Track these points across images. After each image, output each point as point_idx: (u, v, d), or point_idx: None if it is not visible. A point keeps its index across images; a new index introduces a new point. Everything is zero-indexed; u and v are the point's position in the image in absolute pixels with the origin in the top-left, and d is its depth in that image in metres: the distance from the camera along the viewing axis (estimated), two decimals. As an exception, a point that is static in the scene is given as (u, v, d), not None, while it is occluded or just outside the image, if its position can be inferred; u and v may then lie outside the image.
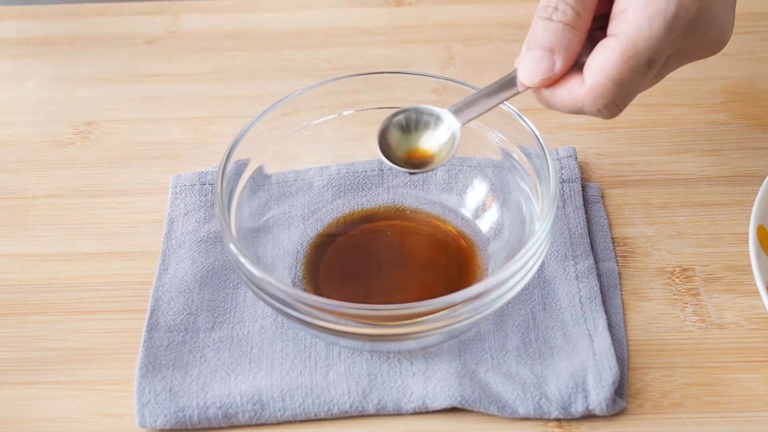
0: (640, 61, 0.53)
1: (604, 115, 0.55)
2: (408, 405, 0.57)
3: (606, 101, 0.54)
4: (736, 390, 0.58)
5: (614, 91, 0.54)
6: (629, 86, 0.54)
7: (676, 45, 0.54)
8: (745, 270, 0.64)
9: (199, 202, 0.68)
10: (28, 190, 0.71)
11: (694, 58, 0.57)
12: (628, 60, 0.53)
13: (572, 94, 0.55)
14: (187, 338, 0.60)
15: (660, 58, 0.54)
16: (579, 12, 0.54)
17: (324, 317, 0.55)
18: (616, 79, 0.53)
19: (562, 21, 0.54)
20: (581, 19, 0.54)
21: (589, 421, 0.57)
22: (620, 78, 0.53)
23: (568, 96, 0.55)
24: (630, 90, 0.54)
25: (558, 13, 0.54)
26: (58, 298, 0.64)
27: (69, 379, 0.60)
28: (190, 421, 0.57)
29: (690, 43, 0.55)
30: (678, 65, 0.57)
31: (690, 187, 0.69)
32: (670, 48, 0.54)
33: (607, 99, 0.54)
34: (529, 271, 0.57)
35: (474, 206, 0.67)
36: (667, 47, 0.54)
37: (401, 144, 0.59)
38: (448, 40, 0.83)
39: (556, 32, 0.54)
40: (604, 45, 0.54)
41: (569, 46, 0.54)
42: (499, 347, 0.60)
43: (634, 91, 0.55)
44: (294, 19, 0.85)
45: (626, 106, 0.55)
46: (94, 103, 0.77)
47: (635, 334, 0.61)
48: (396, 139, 0.59)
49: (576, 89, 0.55)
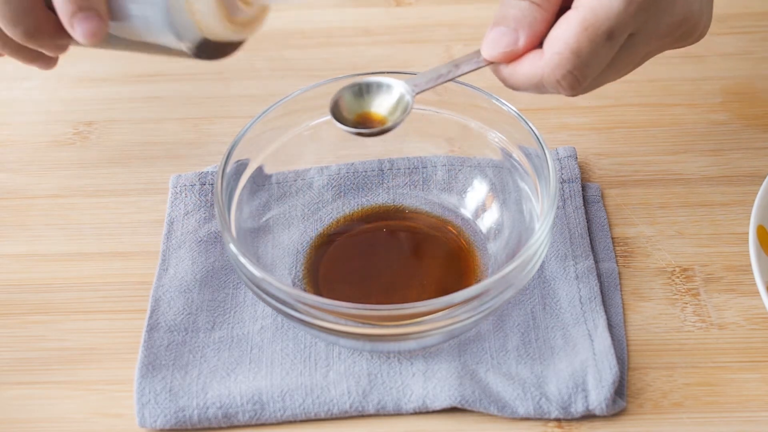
0: (599, 31, 0.53)
1: (564, 88, 0.55)
2: (408, 405, 0.57)
3: (564, 71, 0.54)
4: (736, 390, 0.58)
5: (572, 60, 0.54)
6: (587, 56, 0.54)
7: (638, 20, 0.54)
8: (745, 270, 0.64)
9: (199, 202, 0.68)
10: (28, 190, 0.71)
11: (665, 43, 0.57)
12: (587, 29, 0.53)
13: (532, 67, 0.55)
14: (187, 338, 0.60)
15: (620, 30, 0.54)
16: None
17: (324, 317, 0.55)
18: (573, 48, 0.53)
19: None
20: (549, 1, 0.54)
21: (589, 421, 0.57)
22: (578, 47, 0.53)
23: (528, 69, 0.55)
24: (588, 61, 0.54)
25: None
26: (58, 298, 0.64)
27: (69, 379, 0.60)
28: (190, 421, 0.57)
29: (654, 19, 0.55)
30: (645, 47, 0.56)
31: (690, 187, 0.69)
32: (630, 21, 0.54)
33: (565, 69, 0.54)
34: (529, 271, 0.57)
35: (474, 206, 0.67)
36: (628, 19, 0.54)
37: (353, 108, 0.59)
38: (448, 40, 0.83)
39: (523, 9, 0.54)
40: (564, 17, 0.54)
41: (534, 24, 0.55)
42: (499, 347, 0.60)
43: (594, 63, 0.54)
44: (294, 19, 0.85)
45: (586, 80, 0.55)
46: (94, 103, 0.77)
47: (635, 334, 0.61)
48: (348, 103, 0.59)
49: (536, 62, 0.55)
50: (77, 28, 0.54)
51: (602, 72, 0.56)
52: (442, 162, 0.68)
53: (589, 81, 0.55)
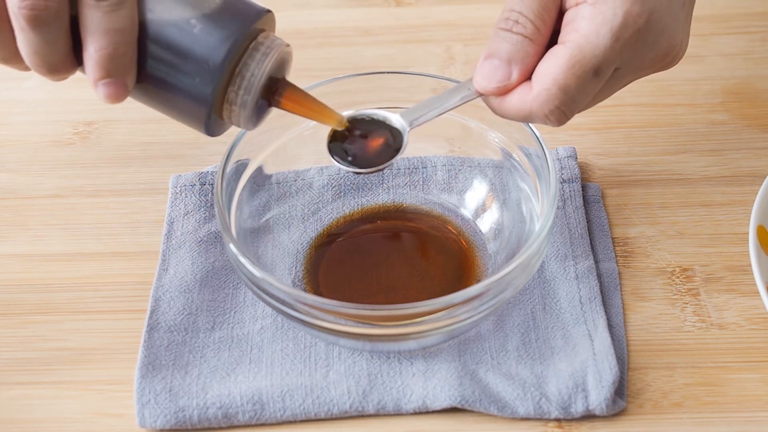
0: (586, 68, 0.54)
1: (552, 122, 0.56)
2: (408, 405, 0.57)
3: (552, 107, 0.55)
4: (736, 390, 0.58)
5: (560, 97, 0.54)
6: (575, 93, 0.55)
7: (624, 56, 0.55)
8: (745, 270, 0.64)
9: (199, 203, 0.68)
10: (28, 190, 0.71)
11: (647, 72, 0.58)
12: (574, 66, 0.54)
13: (521, 100, 0.56)
14: (187, 338, 0.60)
15: (607, 67, 0.55)
16: (538, 27, 0.55)
17: (324, 317, 0.55)
18: (561, 85, 0.54)
19: (522, 33, 0.55)
20: (540, 34, 0.55)
21: (589, 421, 0.57)
22: (565, 84, 0.54)
23: (517, 102, 0.56)
24: (575, 97, 0.55)
25: (518, 26, 0.55)
26: (58, 298, 0.64)
27: (69, 379, 0.60)
28: (190, 421, 0.57)
29: (639, 55, 0.56)
30: (629, 80, 0.58)
31: (690, 187, 0.69)
32: (617, 58, 0.55)
33: (553, 104, 0.55)
34: (529, 271, 0.57)
35: (474, 206, 0.67)
36: (615, 56, 0.54)
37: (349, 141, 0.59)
38: (448, 40, 0.83)
39: (515, 44, 0.55)
40: (552, 52, 0.55)
41: (526, 58, 0.55)
42: (499, 347, 0.60)
43: (580, 99, 0.55)
44: (294, 19, 0.85)
45: (573, 114, 0.56)
46: (94, 103, 0.77)
47: (635, 334, 0.61)
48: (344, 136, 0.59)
49: (524, 95, 0.56)
50: (101, 91, 0.55)
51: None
52: (442, 162, 0.68)
53: (575, 113, 0.56)
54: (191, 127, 0.56)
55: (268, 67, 0.54)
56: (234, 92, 0.54)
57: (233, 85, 0.54)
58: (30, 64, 0.56)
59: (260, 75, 0.54)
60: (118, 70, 0.54)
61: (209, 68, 0.53)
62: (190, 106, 0.54)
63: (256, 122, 0.57)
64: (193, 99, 0.54)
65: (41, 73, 0.57)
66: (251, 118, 0.56)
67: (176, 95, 0.54)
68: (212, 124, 0.55)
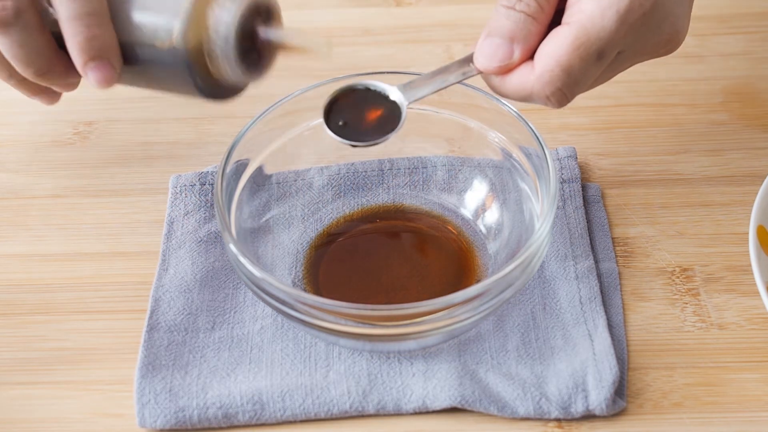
0: (590, 50, 0.54)
1: (552, 103, 0.55)
2: (408, 405, 0.57)
3: (554, 88, 0.54)
4: (736, 390, 0.58)
5: (562, 78, 0.54)
6: (577, 74, 0.54)
7: (627, 39, 0.54)
8: (745, 270, 0.64)
9: (199, 203, 0.68)
10: (28, 190, 0.71)
11: (649, 57, 0.58)
12: (578, 47, 0.53)
13: (522, 80, 0.55)
14: (187, 338, 0.60)
15: (610, 50, 0.54)
16: (542, 5, 0.55)
17: (324, 317, 0.55)
18: (564, 66, 0.54)
19: (525, 12, 0.54)
20: (543, 12, 0.55)
21: (589, 421, 0.57)
22: (569, 65, 0.54)
23: (518, 82, 0.55)
24: (578, 79, 0.54)
25: (521, 4, 0.55)
26: (58, 298, 0.64)
27: (69, 379, 0.60)
28: (190, 421, 0.57)
29: (642, 39, 0.55)
30: (630, 63, 0.57)
31: (690, 187, 0.69)
32: (621, 41, 0.54)
33: (555, 86, 0.54)
34: (529, 271, 0.57)
35: (474, 206, 0.67)
36: (619, 40, 0.54)
37: (346, 112, 0.59)
38: (448, 40, 0.83)
39: (518, 22, 0.55)
40: (556, 33, 0.55)
41: (529, 37, 0.55)
42: (499, 347, 0.60)
43: (583, 81, 0.55)
44: (294, 19, 0.85)
45: (574, 96, 0.55)
46: (94, 103, 0.77)
47: (635, 334, 0.61)
48: (341, 108, 0.59)
49: (526, 75, 0.55)
50: (90, 75, 0.57)
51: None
52: (442, 162, 0.68)
53: (576, 95, 0.56)
54: (190, 96, 0.56)
55: (238, 12, 0.54)
56: (212, 46, 0.54)
57: (208, 41, 0.54)
58: (20, 72, 0.57)
59: (232, 21, 0.54)
60: (100, 51, 0.55)
61: (178, 28, 0.53)
62: (173, 73, 0.54)
63: (255, 73, 0.56)
64: (173, 64, 0.54)
65: (33, 78, 0.58)
66: (247, 69, 0.55)
67: (158, 66, 0.54)
68: (207, 87, 0.55)
